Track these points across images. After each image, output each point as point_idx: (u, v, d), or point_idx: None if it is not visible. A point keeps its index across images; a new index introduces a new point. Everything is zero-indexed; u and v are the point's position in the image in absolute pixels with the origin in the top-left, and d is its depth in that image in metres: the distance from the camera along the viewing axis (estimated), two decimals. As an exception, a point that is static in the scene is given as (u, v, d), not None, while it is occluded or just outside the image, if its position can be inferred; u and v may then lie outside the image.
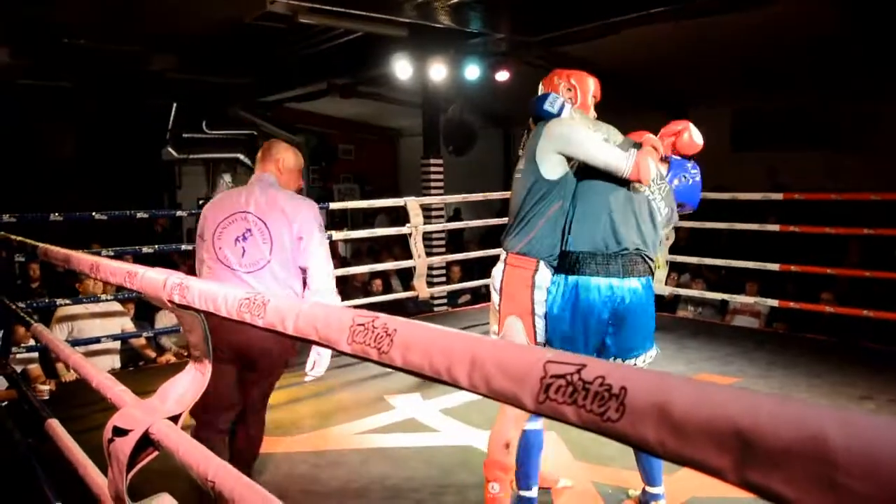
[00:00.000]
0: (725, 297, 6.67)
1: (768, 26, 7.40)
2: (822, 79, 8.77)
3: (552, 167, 2.62)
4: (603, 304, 2.56)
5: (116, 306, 5.72)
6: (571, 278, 2.59)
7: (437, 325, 0.74)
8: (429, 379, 0.72)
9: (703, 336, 5.99)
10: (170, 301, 1.30)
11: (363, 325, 0.80)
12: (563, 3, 7.19)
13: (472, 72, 8.30)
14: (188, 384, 1.37)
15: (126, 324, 5.75)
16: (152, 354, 5.88)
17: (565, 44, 8.50)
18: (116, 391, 1.46)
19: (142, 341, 5.72)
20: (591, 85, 3.00)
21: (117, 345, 5.63)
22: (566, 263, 2.63)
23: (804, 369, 4.94)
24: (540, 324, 2.67)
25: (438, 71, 8.18)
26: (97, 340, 5.23)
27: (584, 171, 2.69)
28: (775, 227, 6.25)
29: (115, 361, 5.67)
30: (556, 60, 9.38)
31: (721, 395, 0.49)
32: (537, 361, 0.61)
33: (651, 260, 2.68)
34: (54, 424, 2.19)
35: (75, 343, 5.21)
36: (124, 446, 1.27)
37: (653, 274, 2.70)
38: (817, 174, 9.07)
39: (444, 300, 8.69)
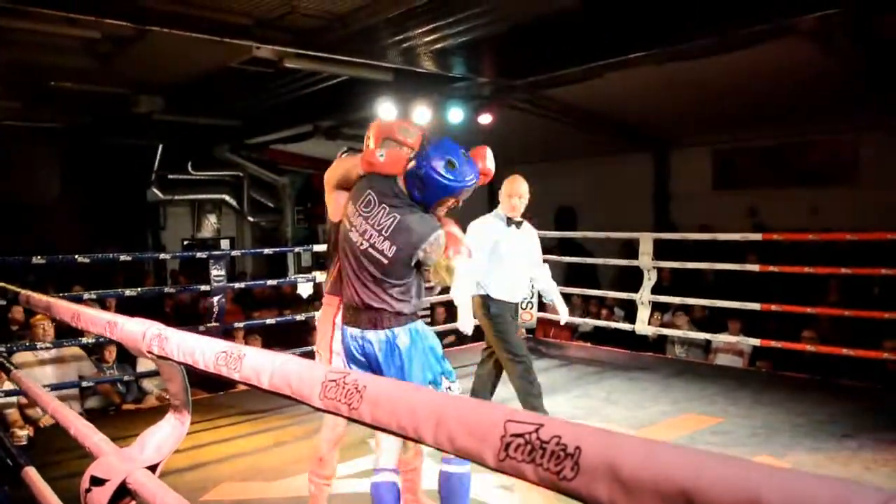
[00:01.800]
0: (708, 336, 6.71)
1: (748, 67, 7.57)
2: (802, 117, 8.95)
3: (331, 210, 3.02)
4: (356, 350, 2.73)
5: (74, 350, 5.62)
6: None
7: (406, 382, 0.76)
8: (398, 436, 0.74)
9: (688, 375, 6.02)
10: (149, 352, 1.31)
11: (335, 381, 0.81)
12: (545, 48, 7.33)
13: (456, 115, 8.42)
14: (167, 433, 1.37)
15: (84, 368, 5.65)
16: (117, 400, 5.79)
17: (549, 87, 8.66)
18: (95, 440, 1.46)
19: (106, 387, 5.65)
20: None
21: (76, 391, 5.55)
22: None
23: (787, 408, 4.96)
24: (336, 360, 2.86)
25: (422, 114, 8.29)
26: (58, 387, 5.15)
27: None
28: (755, 267, 6.32)
29: (75, 407, 5.57)
30: (541, 103, 9.55)
31: (668, 456, 0.51)
32: (498, 419, 0.63)
33: (401, 314, 2.68)
34: (31, 472, 2.17)
35: (70, 385, 5.17)
36: (101, 496, 1.26)
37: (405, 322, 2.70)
38: (799, 212, 9.20)
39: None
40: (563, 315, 4.86)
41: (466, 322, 4.26)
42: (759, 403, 5.12)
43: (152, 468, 1.35)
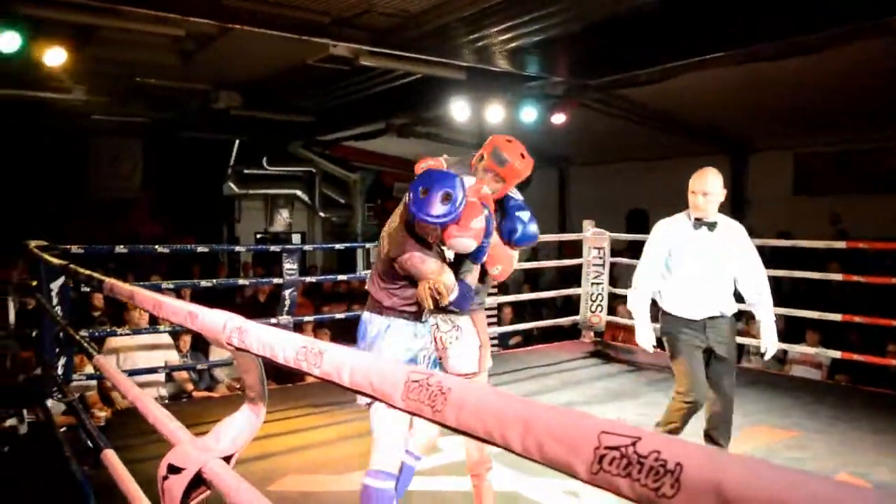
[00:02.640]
0: (785, 346, 6.48)
1: (831, 68, 7.29)
2: (889, 121, 8.57)
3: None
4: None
5: (165, 339, 5.81)
6: None
7: (492, 386, 0.74)
8: (481, 441, 0.72)
9: (761, 385, 5.81)
10: (228, 343, 1.33)
11: (418, 381, 0.80)
12: (621, 48, 7.21)
13: (529, 114, 8.36)
14: (243, 425, 1.39)
15: (170, 356, 5.83)
16: (190, 387, 5.95)
17: (623, 87, 8.52)
18: (172, 428, 1.49)
19: (183, 375, 5.81)
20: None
21: (162, 377, 5.73)
22: None
23: (868, 424, 4.75)
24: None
25: (495, 113, 8.26)
26: (139, 372, 5.34)
27: None
28: (838, 276, 6.08)
29: (160, 391, 5.76)
30: (615, 103, 9.41)
31: (775, 476, 0.48)
32: (592, 431, 0.60)
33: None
34: (110, 455, 2.24)
35: (144, 371, 5.36)
36: (177, 485, 1.29)
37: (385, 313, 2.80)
38: (883, 220, 8.82)
39: (495, 342, 8.64)
40: (766, 345, 3.69)
41: (642, 335, 3.83)
42: (838, 419, 4.91)
43: (227, 459, 1.37)
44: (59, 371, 4.64)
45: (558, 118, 8.46)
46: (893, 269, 5.89)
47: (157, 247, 5.04)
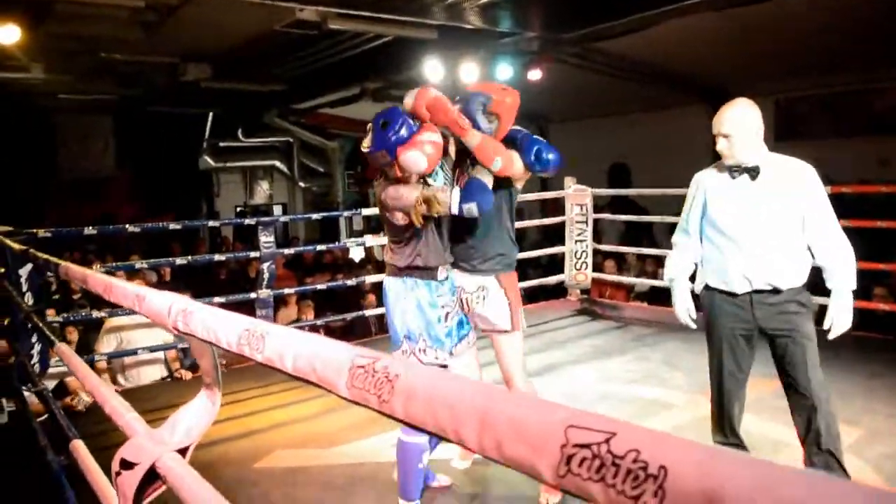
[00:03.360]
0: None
1: (810, 10, 7.16)
2: (871, 63, 8.47)
3: None
4: None
5: None
6: None
7: (445, 372, 0.64)
8: (434, 435, 0.63)
9: (749, 336, 5.80)
10: (174, 327, 1.23)
11: (363, 367, 0.70)
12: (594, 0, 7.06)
13: (504, 71, 8.19)
14: (198, 414, 1.30)
15: (168, 334, 5.74)
16: (176, 366, 5.84)
17: (600, 39, 8.35)
18: (128, 419, 1.40)
19: (172, 354, 5.71)
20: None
21: (162, 355, 5.61)
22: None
23: (859, 370, 4.71)
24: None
25: (470, 71, 8.09)
26: (139, 351, 5.24)
27: None
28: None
29: (162, 371, 5.66)
30: (591, 56, 9.25)
31: (785, 481, 0.38)
32: (558, 425, 0.50)
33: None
34: (79, 445, 2.15)
35: (124, 353, 5.24)
36: (131, 480, 1.20)
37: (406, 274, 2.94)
38: (868, 163, 8.77)
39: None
40: (830, 322, 2.91)
41: (677, 305, 3.19)
42: (829, 366, 4.87)
43: (184, 451, 1.28)
44: (35, 359, 4.53)
45: (534, 74, 8.30)
46: (876, 212, 5.82)
47: (127, 226, 4.88)
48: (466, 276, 3.10)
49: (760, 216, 2.83)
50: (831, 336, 2.92)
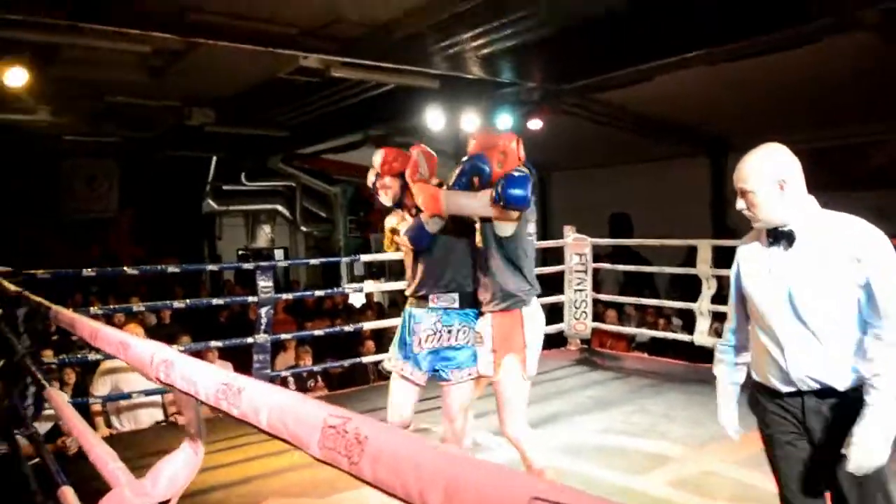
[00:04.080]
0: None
1: (807, 64, 7.24)
2: (868, 116, 8.55)
3: None
4: None
5: None
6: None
7: (414, 435, 0.63)
8: (401, 500, 0.61)
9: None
10: (156, 378, 1.22)
11: (334, 427, 0.69)
12: (595, 51, 7.15)
13: (505, 121, 8.28)
14: (181, 465, 1.27)
15: None
16: (172, 409, 5.76)
17: (601, 90, 8.46)
18: (111, 468, 1.37)
19: (169, 397, 5.64)
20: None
21: (159, 398, 5.53)
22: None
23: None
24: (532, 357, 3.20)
25: (471, 121, 8.18)
26: (135, 395, 5.17)
27: None
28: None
29: (158, 414, 5.58)
30: (592, 107, 9.35)
31: None
32: (522, 496, 0.49)
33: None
34: (67, 492, 2.11)
35: (119, 397, 5.18)
36: (110, 535, 1.17)
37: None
38: (863, 216, 8.77)
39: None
40: (851, 449, 2.05)
41: (720, 412, 2.55)
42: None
43: (165, 503, 1.25)
44: (30, 401, 4.48)
45: (535, 124, 8.38)
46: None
47: (126, 269, 4.89)
48: (461, 318, 3.32)
49: (796, 295, 2.18)
50: (851, 468, 2.05)
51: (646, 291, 8.91)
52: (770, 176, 2.22)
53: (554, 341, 7.61)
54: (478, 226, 3.17)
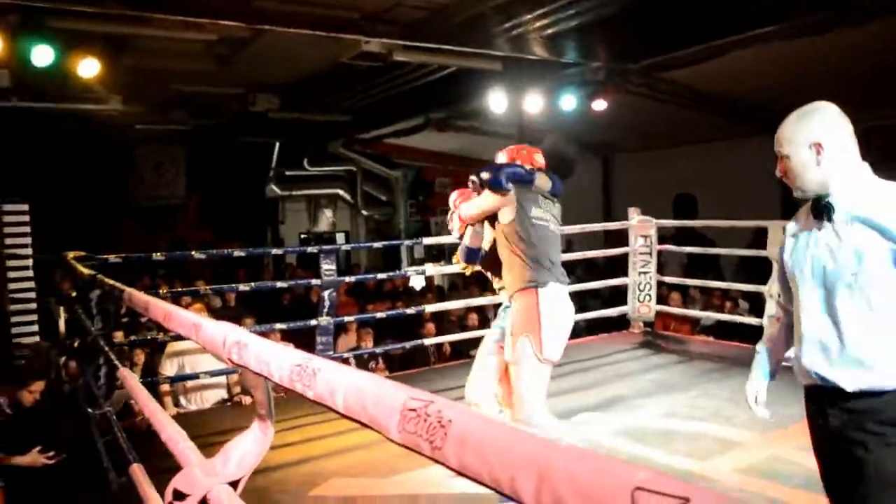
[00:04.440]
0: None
1: (885, 38, 6.91)
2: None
3: None
4: None
5: None
6: None
7: (501, 420, 0.60)
8: (488, 487, 0.58)
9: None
10: (229, 359, 1.22)
11: (415, 410, 0.67)
12: (662, 28, 6.96)
13: (569, 102, 8.14)
14: (251, 445, 1.28)
15: None
16: (236, 390, 5.88)
17: (667, 69, 8.24)
18: (182, 447, 1.39)
19: (234, 378, 5.76)
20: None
21: (223, 378, 5.66)
22: None
23: None
24: (551, 343, 3.21)
25: (534, 102, 8.06)
26: (201, 375, 5.31)
27: None
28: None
29: (223, 394, 5.71)
30: (657, 86, 9.12)
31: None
32: (625, 484, 0.46)
33: None
34: (137, 470, 2.17)
35: (186, 377, 5.32)
36: (184, 512, 1.19)
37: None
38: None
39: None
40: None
41: (749, 383, 2.48)
42: None
43: (235, 483, 1.26)
44: (102, 380, 4.63)
45: (599, 105, 8.22)
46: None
47: (193, 253, 5.00)
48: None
49: (830, 278, 1.93)
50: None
51: (710, 274, 8.68)
52: (804, 139, 2.00)
53: (617, 324, 7.51)
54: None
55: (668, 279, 7.09)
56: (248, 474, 1.30)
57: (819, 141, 1.97)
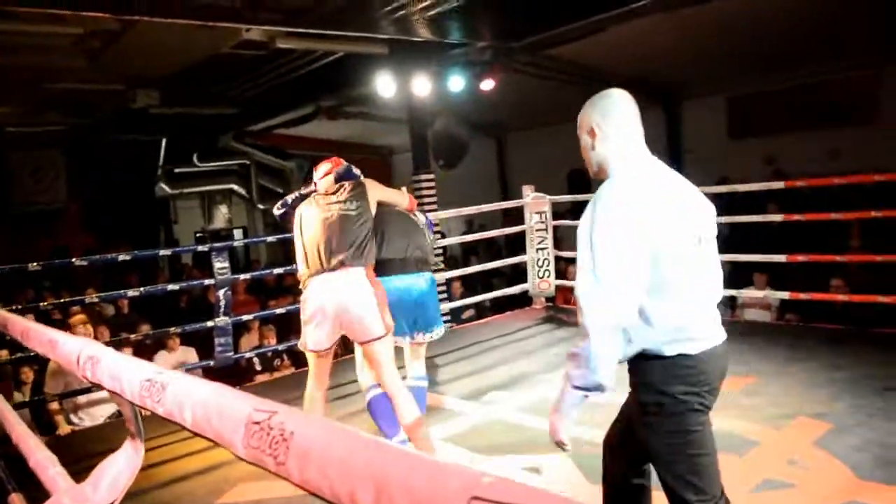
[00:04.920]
0: (733, 292, 6.46)
1: (757, 8, 7.23)
2: (817, 57, 8.59)
3: (372, 208, 3.66)
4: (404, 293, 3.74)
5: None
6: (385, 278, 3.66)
7: (341, 426, 0.56)
8: (330, 503, 0.54)
9: (714, 335, 5.77)
10: (83, 376, 1.13)
11: (259, 423, 0.62)
12: (543, 6, 7.04)
13: (457, 83, 8.15)
14: (122, 466, 1.20)
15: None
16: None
17: (551, 46, 8.36)
18: (50, 474, 1.29)
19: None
20: None
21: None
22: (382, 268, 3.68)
23: (822, 362, 4.73)
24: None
25: (422, 85, 8.03)
26: (86, 391, 5.04)
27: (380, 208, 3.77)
28: (779, 217, 6.06)
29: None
30: (544, 64, 9.25)
31: None
32: (461, 493, 0.43)
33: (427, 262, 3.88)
34: (16, 500, 2.02)
35: (68, 394, 5.05)
36: (51, 545, 1.10)
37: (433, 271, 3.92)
38: (821, 156, 8.88)
39: (448, 318, 8.50)
40: None
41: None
42: (793, 359, 4.89)
43: (108, 507, 1.18)
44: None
45: (487, 84, 8.27)
46: (831, 205, 5.87)
47: (74, 260, 4.72)
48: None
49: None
50: None
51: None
52: (585, 124, 2.12)
53: (519, 301, 7.62)
54: None
55: (565, 254, 7.23)
56: (121, 497, 1.22)
57: (593, 126, 2.07)
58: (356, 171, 3.85)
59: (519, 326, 6.61)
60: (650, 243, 1.84)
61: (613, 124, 2.04)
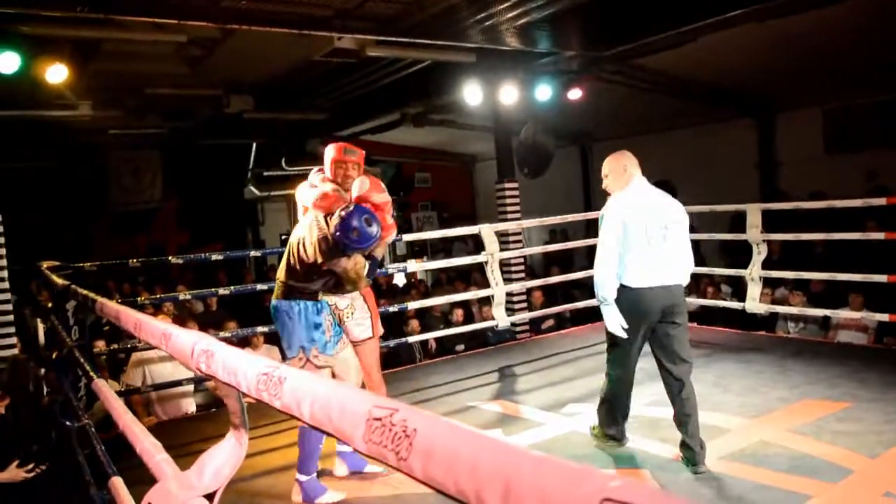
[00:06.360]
0: (828, 312, 6.21)
1: (855, 19, 6.96)
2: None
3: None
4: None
5: None
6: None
7: (467, 427, 0.57)
8: (453, 499, 0.56)
9: (806, 355, 5.56)
10: (197, 368, 1.19)
11: (380, 419, 0.64)
12: (633, 15, 6.95)
13: (544, 92, 8.12)
14: (226, 456, 1.25)
15: None
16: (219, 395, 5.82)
17: (640, 56, 8.24)
18: (157, 461, 1.36)
19: (212, 383, 5.70)
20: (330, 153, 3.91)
21: (191, 388, 5.59)
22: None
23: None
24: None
25: (509, 94, 8.04)
26: (170, 385, 5.24)
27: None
28: (880, 235, 5.79)
29: (188, 405, 5.65)
30: (632, 74, 9.13)
31: None
32: (593, 492, 0.44)
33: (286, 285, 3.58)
34: (117, 483, 2.12)
35: (161, 386, 5.26)
36: (159, 528, 1.15)
37: (297, 298, 3.54)
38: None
39: (527, 327, 8.47)
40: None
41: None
42: (891, 385, 4.66)
43: (211, 496, 1.23)
44: (83, 392, 4.57)
45: (574, 94, 8.21)
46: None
47: (169, 258, 4.93)
48: (338, 296, 3.74)
49: None
50: None
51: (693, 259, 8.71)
52: (603, 170, 3.92)
53: (595, 315, 7.51)
54: None
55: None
56: (224, 485, 1.27)
57: (605, 173, 3.89)
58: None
59: (598, 339, 6.51)
60: (627, 231, 3.58)
61: (616, 172, 3.83)
